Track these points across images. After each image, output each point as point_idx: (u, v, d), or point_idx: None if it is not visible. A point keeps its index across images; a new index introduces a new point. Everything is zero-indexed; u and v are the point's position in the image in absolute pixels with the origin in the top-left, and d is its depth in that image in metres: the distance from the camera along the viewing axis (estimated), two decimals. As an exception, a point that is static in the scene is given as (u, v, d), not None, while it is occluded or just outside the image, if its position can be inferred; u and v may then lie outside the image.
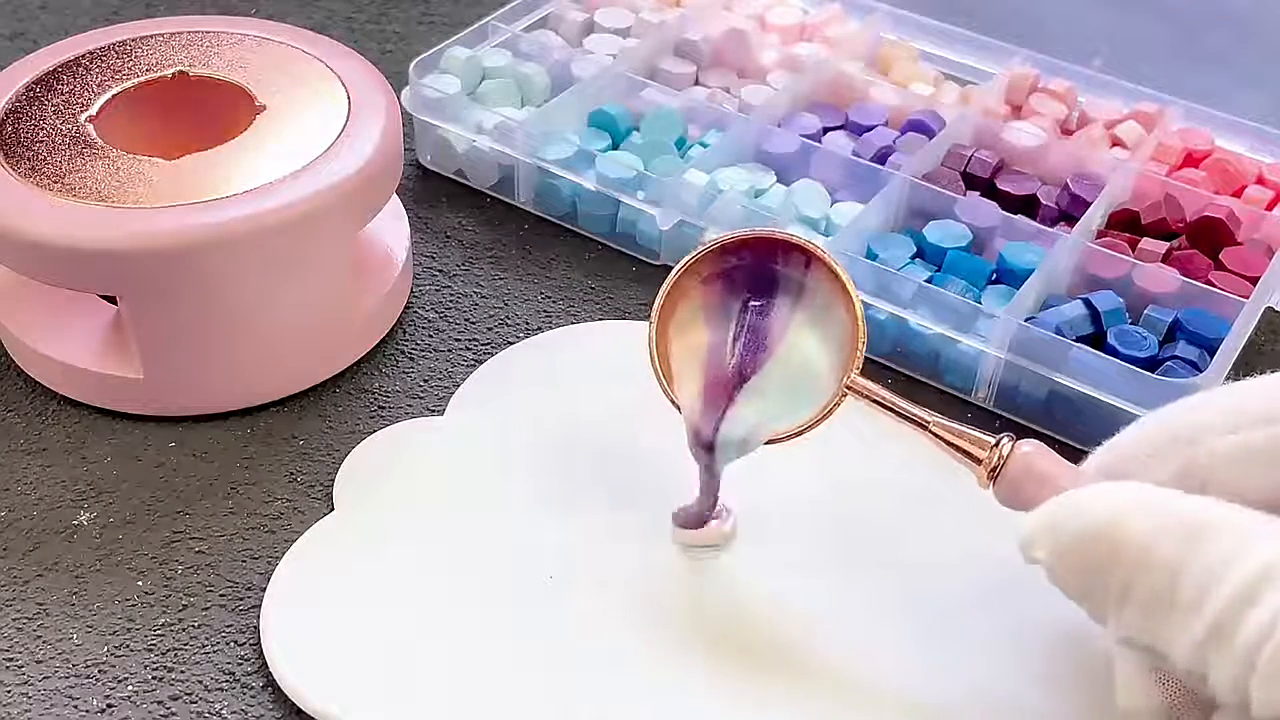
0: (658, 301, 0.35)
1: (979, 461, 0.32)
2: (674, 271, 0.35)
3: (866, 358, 0.43)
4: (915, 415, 0.33)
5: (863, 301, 0.42)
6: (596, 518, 0.37)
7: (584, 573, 0.36)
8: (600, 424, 0.40)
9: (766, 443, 0.34)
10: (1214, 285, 0.43)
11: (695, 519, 0.36)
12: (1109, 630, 0.28)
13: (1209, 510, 0.27)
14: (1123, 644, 0.29)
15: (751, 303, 0.35)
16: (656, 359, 0.35)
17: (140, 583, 0.36)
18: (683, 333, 0.35)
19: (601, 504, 0.37)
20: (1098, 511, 0.28)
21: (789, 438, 0.34)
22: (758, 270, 0.35)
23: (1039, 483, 0.31)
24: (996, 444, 0.32)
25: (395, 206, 0.46)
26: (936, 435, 0.33)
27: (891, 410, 0.33)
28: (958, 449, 0.32)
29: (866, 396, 0.33)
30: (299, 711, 0.33)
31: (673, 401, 0.35)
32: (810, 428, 0.34)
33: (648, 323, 0.35)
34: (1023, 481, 0.31)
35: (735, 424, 0.34)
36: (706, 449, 0.35)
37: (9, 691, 0.33)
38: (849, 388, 0.33)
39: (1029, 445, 0.31)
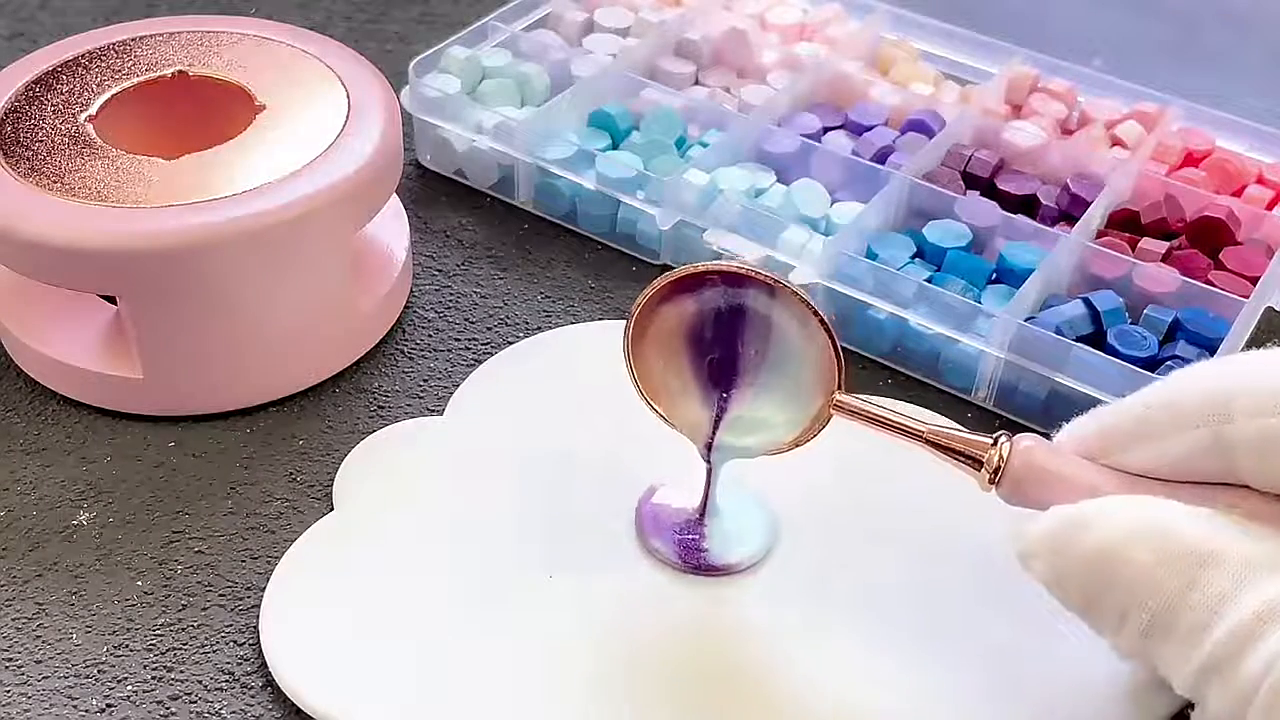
0: (626, 336, 0.34)
1: (979, 465, 0.31)
2: (637, 303, 0.34)
3: (867, 358, 0.43)
4: (907, 426, 0.32)
5: (862, 302, 0.42)
6: (597, 518, 0.37)
7: (584, 573, 0.36)
8: (600, 424, 0.40)
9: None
10: (1214, 285, 0.43)
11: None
12: (1109, 644, 0.28)
13: (1215, 539, 0.27)
14: (1123, 658, 0.29)
15: (722, 337, 0.34)
16: (640, 383, 0.35)
17: (140, 583, 0.36)
18: (662, 364, 0.34)
19: (601, 504, 0.37)
20: (1101, 535, 0.28)
21: (784, 450, 0.34)
22: (724, 303, 0.33)
23: (1042, 480, 0.30)
24: (995, 443, 0.31)
25: (395, 206, 0.46)
26: (931, 444, 0.32)
27: (882, 424, 0.33)
28: (955, 454, 0.32)
29: (854, 413, 0.33)
30: (298, 711, 0.33)
31: (662, 417, 0.35)
32: (804, 441, 0.34)
33: (626, 351, 0.35)
34: (1026, 481, 0.30)
35: (724, 447, 0.35)
36: (705, 453, 0.35)
37: (9, 691, 0.33)
38: (835, 406, 0.33)
39: (1028, 440, 0.31)
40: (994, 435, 0.31)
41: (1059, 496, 0.29)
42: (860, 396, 0.33)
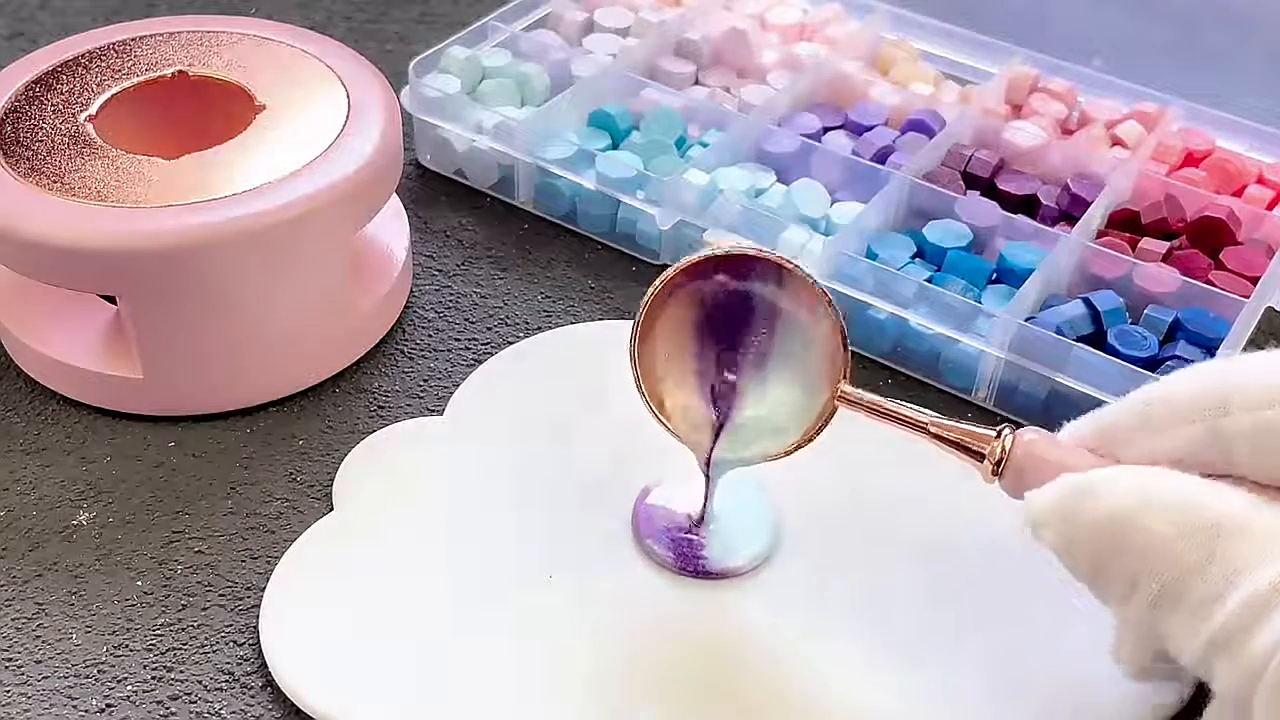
0: (633, 334, 0.34)
1: (982, 458, 0.31)
2: (646, 297, 0.34)
3: (867, 358, 0.43)
4: (911, 418, 0.33)
5: (862, 302, 0.42)
6: (596, 518, 0.37)
7: (584, 573, 0.36)
8: (600, 424, 0.40)
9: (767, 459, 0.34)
10: (1214, 285, 0.43)
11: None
12: (1113, 614, 0.28)
13: (1230, 511, 0.27)
14: (1127, 628, 0.28)
15: (729, 327, 0.34)
16: (644, 386, 0.34)
17: (140, 583, 0.36)
18: (667, 358, 0.34)
19: (601, 504, 0.37)
20: (1113, 501, 0.28)
21: (785, 454, 0.34)
22: (733, 291, 0.34)
23: (1045, 472, 0.30)
24: (998, 436, 0.31)
25: (395, 206, 0.46)
26: (935, 436, 0.32)
27: (886, 416, 0.33)
28: (959, 447, 0.32)
29: (859, 405, 0.33)
30: (298, 711, 0.33)
31: (665, 426, 0.35)
32: (805, 442, 0.34)
33: (629, 349, 0.34)
34: (1029, 472, 0.31)
35: (727, 450, 0.35)
36: (704, 467, 0.35)
37: (8, 691, 0.33)
38: (840, 398, 0.33)
39: (1031, 433, 0.31)
40: (997, 428, 0.32)
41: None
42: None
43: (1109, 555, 0.28)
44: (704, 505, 0.36)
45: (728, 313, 0.34)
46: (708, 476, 0.35)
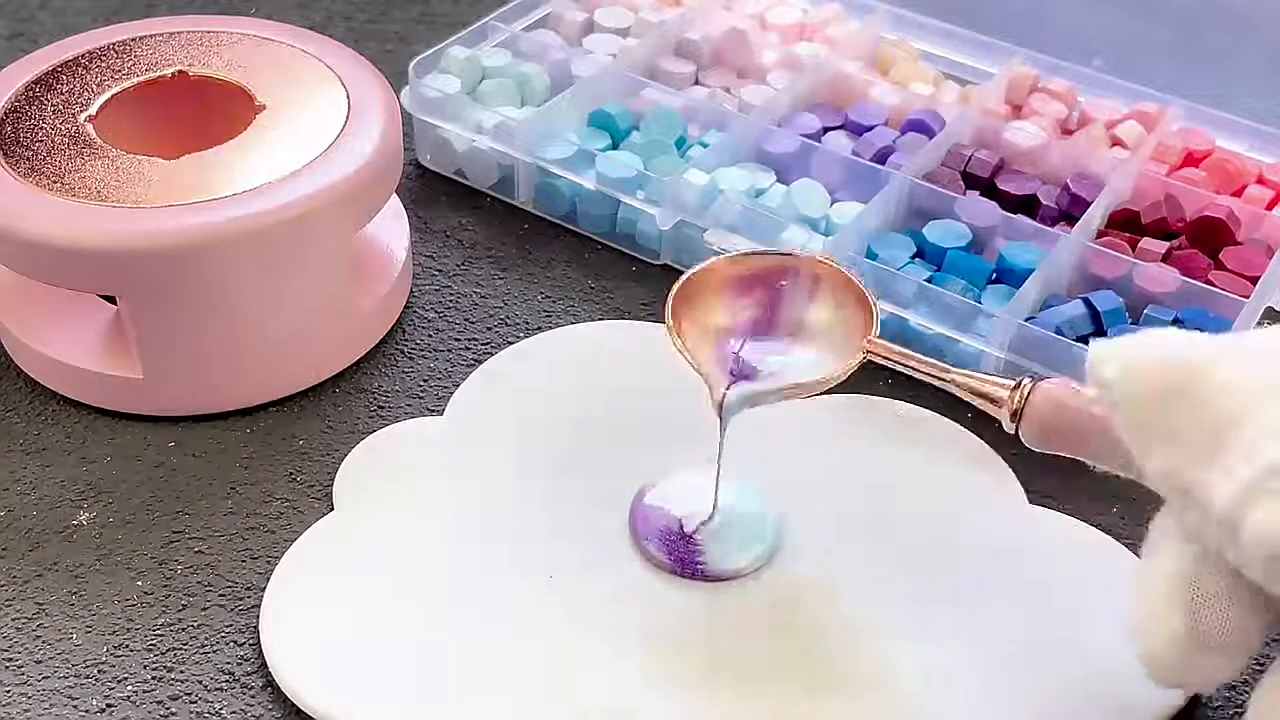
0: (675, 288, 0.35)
1: (1001, 405, 0.32)
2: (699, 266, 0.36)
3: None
4: (935, 367, 0.33)
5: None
6: (596, 517, 0.37)
7: (583, 573, 0.36)
8: (599, 424, 0.40)
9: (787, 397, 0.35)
10: (1214, 285, 0.43)
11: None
12: (1148, 469, 0.29)
13: None
14: (1157, 483, 0.29)
15: (768, 292, 0.35)
16: (676, 325, 0.35)
17: (140, 583, 0.36)
18: (704, 307, 0.35)
19: (601, 503, 0.37)
20: (1176, 345, 0.28)
21: (808, 393, 0.34)
22: (771, 272, 0.35)
23: (1066, 416, 0.31)
24: (1017, 385, 0.32)
25: (395, 206, 0.46)
26: (959, 384, 0.33)
27: (910, 367, 0.34)
28: (980, 395, 0.33)
29: (884, 355, 0.34)
30: (298, 711, 0.33)
31: (688, 360, 0.35)
32: (830, 383, 0.34)
33: (668, 300, 0.35)
34: (1049, 415, 0.31)
35: (745, 386, 0.35)
36: (719, 409, 0.35)
37: (9, 691, 0.33)
38: (867, 348, 0.34)
39: (1052, 383, 0.32)
40: (1019, 379, 0.32)
41: (1084, 432, 0.30)
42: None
43: (1165, 395, 0.28)
44: (717, 462, 0.36)
45: (769, 285, 0.35)
46: (721, 419, 0.35)
